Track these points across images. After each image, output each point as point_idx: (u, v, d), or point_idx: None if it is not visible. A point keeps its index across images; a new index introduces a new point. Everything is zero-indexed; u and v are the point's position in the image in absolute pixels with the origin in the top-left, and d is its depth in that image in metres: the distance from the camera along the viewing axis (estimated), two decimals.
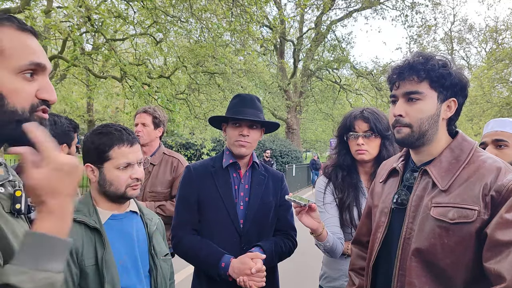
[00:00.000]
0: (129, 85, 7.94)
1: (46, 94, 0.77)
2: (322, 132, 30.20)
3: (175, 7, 7.67)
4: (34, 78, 0.76)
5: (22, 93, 0.74)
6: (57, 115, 1.89)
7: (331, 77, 20.35)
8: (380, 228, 1.27)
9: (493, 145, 1.76)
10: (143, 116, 2.55)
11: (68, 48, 8.08)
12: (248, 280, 1.55)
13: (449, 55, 1.22)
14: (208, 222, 1.73)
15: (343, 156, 1.89)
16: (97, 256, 1.22)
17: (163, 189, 2.49)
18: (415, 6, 18.16)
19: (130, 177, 1.32)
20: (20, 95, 0.74)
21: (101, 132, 1.33)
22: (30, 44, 0.77)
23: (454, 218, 1.05)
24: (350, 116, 1.87)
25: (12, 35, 0.75)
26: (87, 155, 1.34)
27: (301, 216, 1.52)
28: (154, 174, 2.51)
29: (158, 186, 2.49)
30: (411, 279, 1.10)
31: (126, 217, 1.39)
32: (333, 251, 1.69)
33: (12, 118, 0.73)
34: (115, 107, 15.38)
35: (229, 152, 1.80)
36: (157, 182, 2.49)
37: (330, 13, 18.79)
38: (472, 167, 1.11)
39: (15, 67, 0.73)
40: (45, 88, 0.77)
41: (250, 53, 9.62)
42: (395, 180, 1.30)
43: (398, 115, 1.18)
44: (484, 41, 21.10)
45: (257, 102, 1.80)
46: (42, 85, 0.77)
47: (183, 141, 12.58)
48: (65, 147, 1.88)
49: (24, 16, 5.44)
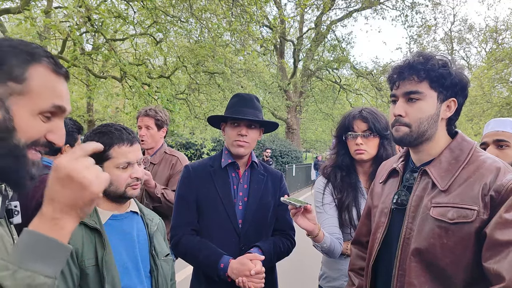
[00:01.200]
0: (129, 85, 7.94)
1: (55, 137, 0.76)
2: (322, 132, 30.17)
3: (175, 7, 7.67)
4: (50, 119, 0.76)
5: (34, 132, 0.73)
6: None
7: (331, 77, 20.35)
8: (380, 228, 1.27)
9: (494, 145, 1.75)
10: (146, 120, 2.56)
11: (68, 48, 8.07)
12: (247, 281, 1.55)
13: (449, 55, 1.22)
14: (207, 222, 1.73)
15: (341, 156, 1.89)
16: (97, 256, 1.22)
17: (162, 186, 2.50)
18: (415, 6, 18.17)
19: (130, 176, 1.32)
20: (30, 133, 0.73)
21: (101, 132, 1.33)
22: (59, 88, 0.76)
23: (454, 218, 1.05)
24: (349, 116, 1.86)
25: (45, 77, 0.74)
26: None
27: (297, 217, 1.52)
28: (153, 173, 2.52)
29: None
30: (411, 279, 1.10)
31: (126, 218, 1.39)
32: (331, 252, 1.69)
33: (12, 152, 0.71)
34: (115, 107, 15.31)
35: (228, 151, 1.80)
36: (155, 180, 2.49)
37: (330, 13, 18.80)
38: (471, 167, 1.11)
39: (37, 108, 0.73)
40: (56, 131, 0.77)
41: (250, 53, 9.61)
42: (395, 180, 1.30)
43: (398, 115, 1.18)
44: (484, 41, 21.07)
45: (256, 102, 1.79)
46: (55, 127, 0.76)
47: (183, 141, 12.59)
48: (68, 147, 1.89)
49: (24, 16, 5.44)
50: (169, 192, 2.42)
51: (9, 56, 0.71)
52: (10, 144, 0.71)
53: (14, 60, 0.71)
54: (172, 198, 2.38)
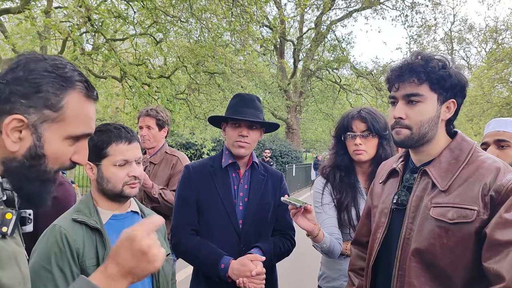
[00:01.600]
0: (129, 85, 7.94)
1: (79, 157, 0.78)
2: (322, 132, 30.17)
3: (175, 7, 7.67)
4: (77, 141, 0.77)
5: (62, 157, 0.75)
6: None
7: (331, 77, 20.34)
8: (380, 228, 1.27)
9: (495, 145, 1.75)
10: (147, 120, 2.56)
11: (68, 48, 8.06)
12: (248, 282, 1.55)
13: (448, 55, 1.22)
14: (207, 222, 1.73)
15: (340, 157, 1.89)
16: (98, 256, 1.22)
17: (160, 186, 2.49)
18: (415, 6, 18.18)
19: (127, 174, 1.32)
20: (59, 159, 0.75)
21: (100, 130, 1.34)
22: (90, 113, 0.78)
23: (454, 218, 1.05)
24: (348, 116, 1.86)
25: (78, 104, 0.75)
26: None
27: (297, 218, 1.53)
28: (154, 173, 2.52)
29: (156, 183, 2.49)
30: (411, 279, 1.10)
31: (127, 217, 1.39)
32: (331, 252, 1.69)
33: (39, 177, 0.73)
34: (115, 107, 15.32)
35: (228, 152, 1.80)
36: (155, 180, 2.49)
37: (330, 13, 18.80)
38: (471, 167, 1.11)
39: (68, 135, 0.74)
40: (81, 152, 0.78)
41: (250, 53, 9.60)
42: (395, 180, 1.30)
43: (399, 117, 1.17)
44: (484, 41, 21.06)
45: (257, 102, 1.79)
46: (79, 149, 0.78)
47: (183, 141, 12.58)
48: None
49: (24, 16, 5.44)
50: (167, 193, 2.42)
51: (45, 83, 0.71)
52: (39, 171, 0.72)
53: (51, 87, 0.71)
54: (170, 198, 2.37)
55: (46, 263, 1.13)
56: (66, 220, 1.24)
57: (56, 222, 1.23)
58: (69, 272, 1.15)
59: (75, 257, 1.18)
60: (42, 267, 1.13)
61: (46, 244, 1.17)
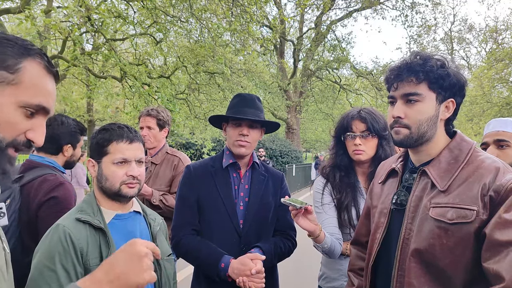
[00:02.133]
0: (129, 85, 7.94)
1: (34, 135, 0.75)
2: (322, 132, 30.17)
3: (175, 7, 7.67)
4: (33, 117, 0.75)
5: (15, 128, 0.72)
6: (65, 116, 1.91)
7: (331, 77, 20.34)
8: (379, 228, 1.28)
9: (494, 145, 1.75)
10: (147, 120, 2.56)
11: (68, 48, 8.07)
12: (248, 281, 1.55)
13: (447, 55, 1.22)
14: (208, 222, 1.73)
15: (340, 157, 1.89)
16: (101, 256, 1.23)
17: (163, 187, 2.50)
18: (415, 6, 18.17)
19: (126, 174, 1.32)
20: (11, 129, 0.71)
21: (104, 129, 1.36)
22: (48, 87, 0.76)
23: (453, 219, 1.05)
24: (347, 117, 1.87)
25: (37, 72, 0.74)
26: (90, 150, 1.37)
27: (298, 218, 1.52)
28: (155, 173, 2.52)
29: (158, 184, 2.49)
30: (410, 280, 1.11)
31: (130, 217, 1.39)
32: (332, 252, 1.69)
33: None
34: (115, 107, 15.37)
35: (229, 152, 1.80)
36: (157, 180, 2.49)
37: (330, 13, 18.80)
38: (471, 167, 1.11)
39: (23, 101, 0.72)
40: (37, 130, 0.75)
41: (250, 53, 9.61)
42: (394, 180, 1.31)
43: (397, 116, 1.18)
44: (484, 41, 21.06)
45: (258, 102, 1.80)
46: (36, 126, 0.75)
47: (183, 141, 12.59)
48: (70, 147, 1.88)
49: (24, 16, 5.44)
50: (168, 198, 2.41)
51: (4, 46, 0.71)
52: None
53: (9, 50, 0.71)
54: (172, 203, 2.36)
55: (50, 263, 1.13)
56: (69, 219, 1.24)
57: (60, 222, 1.23)
58: (73, 271, 1.15)
59: (79, 256, 1.18)
60: (46, 266, 1.13)
61: (49, 244, 1.17)
